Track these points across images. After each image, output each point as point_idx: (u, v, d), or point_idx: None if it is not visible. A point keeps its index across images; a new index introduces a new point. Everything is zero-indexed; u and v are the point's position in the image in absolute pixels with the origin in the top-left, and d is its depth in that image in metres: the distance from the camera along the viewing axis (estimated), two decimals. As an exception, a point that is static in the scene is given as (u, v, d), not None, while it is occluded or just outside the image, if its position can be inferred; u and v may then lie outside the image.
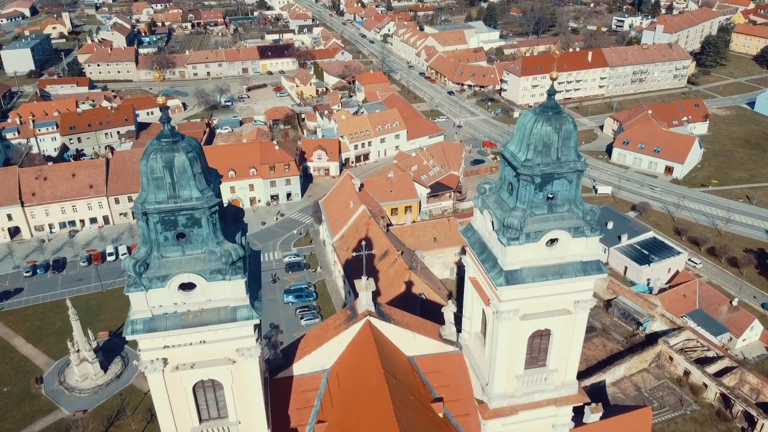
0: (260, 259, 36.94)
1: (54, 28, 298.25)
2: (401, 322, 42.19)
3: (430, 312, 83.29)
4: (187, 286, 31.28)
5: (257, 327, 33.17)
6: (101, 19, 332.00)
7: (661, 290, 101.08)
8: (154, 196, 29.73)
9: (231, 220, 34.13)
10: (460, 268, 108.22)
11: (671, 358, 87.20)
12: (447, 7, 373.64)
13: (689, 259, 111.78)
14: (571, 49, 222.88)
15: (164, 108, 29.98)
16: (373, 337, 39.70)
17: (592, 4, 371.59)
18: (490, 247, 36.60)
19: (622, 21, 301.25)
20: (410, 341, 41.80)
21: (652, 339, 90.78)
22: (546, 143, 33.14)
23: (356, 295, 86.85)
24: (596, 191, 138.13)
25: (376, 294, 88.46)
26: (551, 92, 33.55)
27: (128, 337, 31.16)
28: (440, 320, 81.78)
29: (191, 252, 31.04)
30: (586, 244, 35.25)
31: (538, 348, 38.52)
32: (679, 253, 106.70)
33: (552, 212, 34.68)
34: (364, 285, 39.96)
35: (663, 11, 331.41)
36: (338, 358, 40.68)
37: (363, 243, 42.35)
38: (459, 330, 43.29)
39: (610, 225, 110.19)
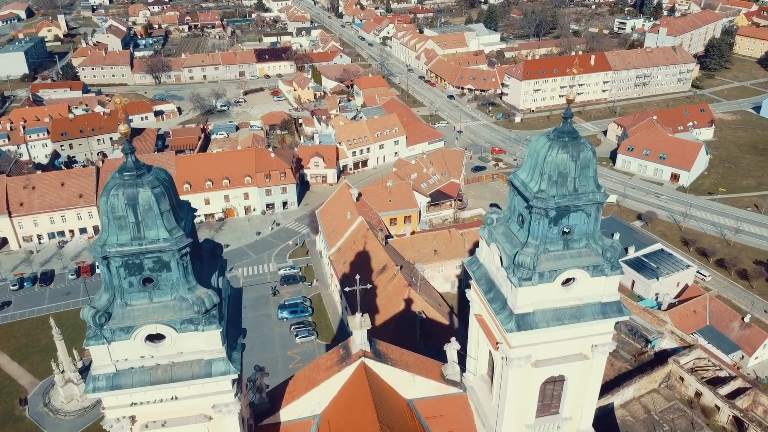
0: (242, 299, 33.28)
1: (49, 30, 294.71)
2: (399, 362, 38.49)
3: (431, 331, 79.80)
4: (155, 337, 27.58)
5: (236, 381, 29.44)
6: (97, 22, 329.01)
7: (670, 305, 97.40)
8: (116, 238, 26.01)
9: (207, 257, 30.42)
10: (462, 282, 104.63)
11: (682, 379, 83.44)
12: (447, 9, 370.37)
13: (698, 272, 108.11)
14: (573, 53, 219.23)
15: (128, 138, 26.20)
16: (368, 380, 36.04)
17: (593, 6, 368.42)
18: (498, 285, 32.91)
19: (624, 23, 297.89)
20: (409, 383, 38.14)
21: (661, 357, 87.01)
22: (562, 173, 29.50)
23: (353, 311, 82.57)
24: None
25: (373, 312, 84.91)
26: (567, 116, 29.90)
27: (89, 396, 27.47)
28: (441, 342, 78.00)
29: (159, 299, 27.31)
30: (606, 284, 31.57)
31: (550, 395, 34.83)
32: (688, 266, 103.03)
33: (568, 248, 31.01)
34: (358, 323, 36.29)
35: (665, 13, 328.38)
36: (330, 403, 37.01)
37: (357, 277, 38.55)
38: (463, 369, 39.58)
39: (616, 236, 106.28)
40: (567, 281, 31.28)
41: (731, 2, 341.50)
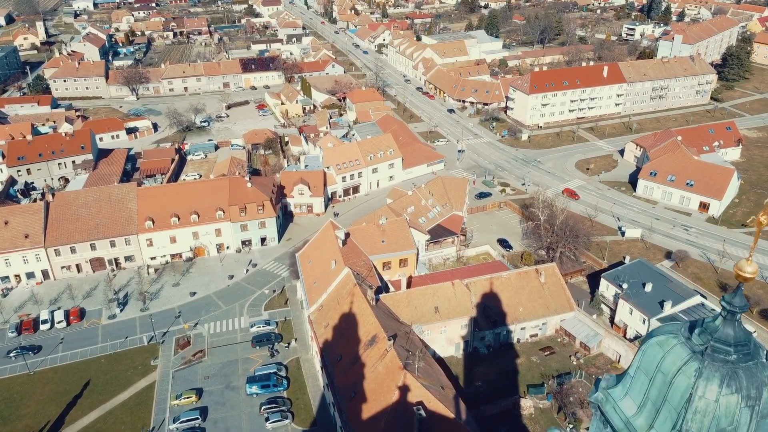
0: None
1: (25, 38, 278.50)
2: None
3: (432, 425, 63.60)
4: None
5: None
6: (79, 28, 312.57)
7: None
8: None
9: None
10: (468, 344, 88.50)
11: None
12: (446, 14, 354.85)
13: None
14: (584, 63, 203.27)
15: None
16: None
17: (598, 11, 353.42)
18: None
19: (633, 29, 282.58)
20: None
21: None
22: (724, 430, 13.43)
23: (333, 391, 64.55)
24: (623, 234, 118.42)
25: (360, 399, 68.72)
26: (735, 308, 13.91)
27: None
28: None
29: None
30: None
31: None
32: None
33: None
34: None
35: (674, 18, 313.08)
36: None
37: None
38: None
39: (648, 287, 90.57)
40: None
41: (742, 7, 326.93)
